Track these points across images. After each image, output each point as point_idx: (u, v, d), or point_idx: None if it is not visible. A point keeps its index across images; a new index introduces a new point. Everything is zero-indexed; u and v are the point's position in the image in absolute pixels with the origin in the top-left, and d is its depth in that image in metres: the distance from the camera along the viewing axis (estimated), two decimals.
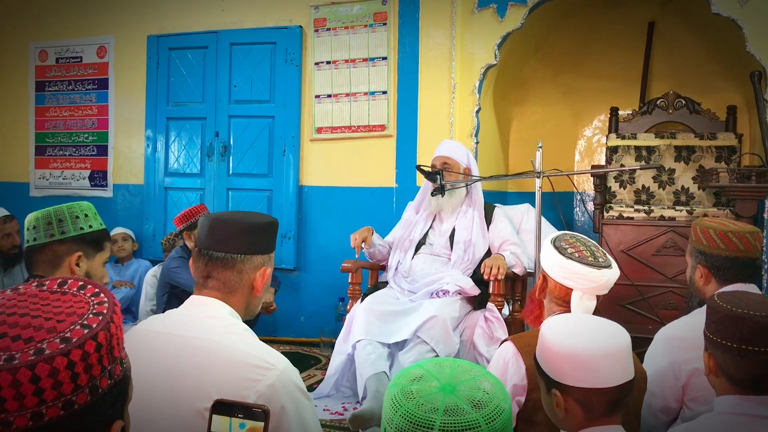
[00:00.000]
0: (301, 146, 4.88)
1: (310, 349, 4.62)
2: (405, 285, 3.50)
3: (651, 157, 4.28)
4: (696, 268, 2.16)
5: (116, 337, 0.91)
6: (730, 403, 1.54)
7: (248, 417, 1.16)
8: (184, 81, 5.16)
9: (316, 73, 4.81)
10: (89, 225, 1.94)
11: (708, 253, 2.11)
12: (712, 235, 2.10)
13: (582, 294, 1.91)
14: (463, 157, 3.69)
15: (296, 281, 4.90)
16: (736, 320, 1.50)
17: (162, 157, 5.26)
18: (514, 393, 1.84)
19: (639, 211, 4.01)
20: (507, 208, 3.99)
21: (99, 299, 0.93)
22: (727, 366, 1.53)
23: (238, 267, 1.60)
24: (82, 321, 0.87)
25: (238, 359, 1.44)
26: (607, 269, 1.92)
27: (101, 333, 0.87)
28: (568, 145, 5.25)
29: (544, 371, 1.49)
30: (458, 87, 4.45)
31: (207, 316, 1.55)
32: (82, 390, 0.85)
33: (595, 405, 1.42)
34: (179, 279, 3.93)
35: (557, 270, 1.94)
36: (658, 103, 4.44)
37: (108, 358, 0.88)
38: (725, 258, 2.08)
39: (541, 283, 2.03)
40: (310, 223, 4.89)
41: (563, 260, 1.92)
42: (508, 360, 1.86)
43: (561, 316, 1.61)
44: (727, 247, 2.08)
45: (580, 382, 1.42)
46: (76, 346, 0.84)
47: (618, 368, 1.43)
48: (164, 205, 5.25)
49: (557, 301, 1.98)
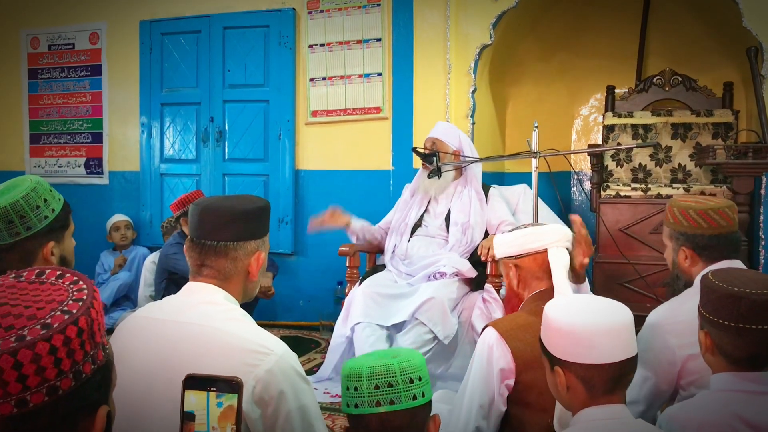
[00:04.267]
0: (296, 130, 4.86)
1: (310, 333, 4.64)
2: (402, 268, 3.51)
3: (648, 135, 4.27)
4: (679, 250, 2.12)
5: (97, 322, 0.91)
6: (727, 381, 1.54)
7: (223, 390, 1.15)
8: (178, 66, 5.13)
9: (310, 55, 4.78)
10: (51, 209, 1.78)
11: (691, 234, 2.08)
12: (693, 215, 2.07)
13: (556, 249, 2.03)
14: (454, 139, 3.67)
15: (294, 266, 4.91)
16: (733, 299, 1.50)
17: (157, 144, 5.25)
18: (503, 377, 1.86)
19: (636, 190, 4.01)
20: (503, 189, 3.99)
21: (78, 286, 0.93)
22: (723, 344, 1.54)
23: (231, 254, 1.60)
24: (63, 307, 0.88)
25: (235, 344, 1.45)
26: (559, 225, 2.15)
27: (82, 318, 0.88)
28: (565, 125, 5.23)
29: (548, 349, 1.51)
30: (453, 68, 4.43)
31: (204, 302, 1.55)
32: (66, 375, 0.85)
33: (597, 382, 1.43)
34: (177, 265, 3.94)
35: (525, 241, 2.05)
36: (655, 81, 4.43)
37: (90, 344, 0.89)
38: (709, 237, 2.05)
39: (516, 272, 2.07)
40: (307, 208, 4.88)
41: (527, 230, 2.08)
42: (492, 344, 1.87)
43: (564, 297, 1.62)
44: (710, 225, 2.05)
45: (580, 358, 1.44)
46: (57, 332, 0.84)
47: (619, 344, 1.43)
48: (160, 191, 5.24)
49: (537, 274, 2.04)
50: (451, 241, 3.53)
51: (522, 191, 3.93)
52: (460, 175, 3.69)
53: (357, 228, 3.66)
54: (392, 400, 1.44)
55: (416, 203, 3.72)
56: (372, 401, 1.45)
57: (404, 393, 1.44)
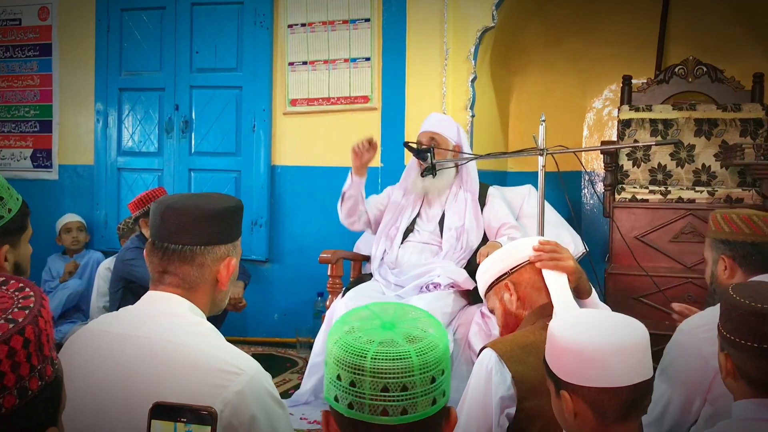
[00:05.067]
0: (273, 121, 4.86)
1: (285, 351, 4.63)
2: (391, 278, 3.51)
3: (668, 131, 4.30)
4: (719, 260, 2.18)
5: (45, 333, 0.90)
6: (750, 409, 1.54)
7: (194, 421, 1.14)
8: (139, 47, 5.11)
9: (290, 37, 4.78)
10: (8, 209, 1.72)
11: (732, 241, 2.14)
12: (735, 219, 2.14)
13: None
14: (453, 133, 3.69)
15: (269, 274, 4.90)
16: (757, 316, 1.49)
17: (114, 134, 5.22)
18: (503, 406, 1.82)
19: (654, 193, 4.03)
20: (506, 190, 4.01)
21: (24, 294, 0.92)
22: (746, 368, 1.54)
23: (198, 260, 1.59)
24: (6, 315, 0.87)
25: (201, 363, 1.44)
26: None
27: (28, 327, 0.87)
28: (575, 119, 5.26)
29: (552, 371, 1.51)
30: (451, 53, 4.44)
31: (166, 314, 1.55)
32: (9, 392, 0.84)
33: (608, 407, 1.43)
34: (135, 272, 3.92)
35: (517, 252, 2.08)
36: (677, 71, 4.46)
37: (37, 357, 0.88)
38: (751, 244, 2.11)
39: (514, 290, 2.06)
40: (284, 208, 4.87)
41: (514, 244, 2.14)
42: (490, 369, 1.84)
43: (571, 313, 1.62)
44: (753, 231, 2.11)
45: (590, 380, 1.43)
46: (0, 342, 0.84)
47: (633, 365, 1.43)
48: (117, 188, 5.21)
49: (536, 284, 2.03)
50: (445, 247, 3.54)
51: (526, 193, 3.94)
52: (457, 173, 3.70)
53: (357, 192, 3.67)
54: (405, 409, 1.17)
55: (409, 205, 3.72)
56: (376, 408, 1.17)
57: (422, 398, 1.18)
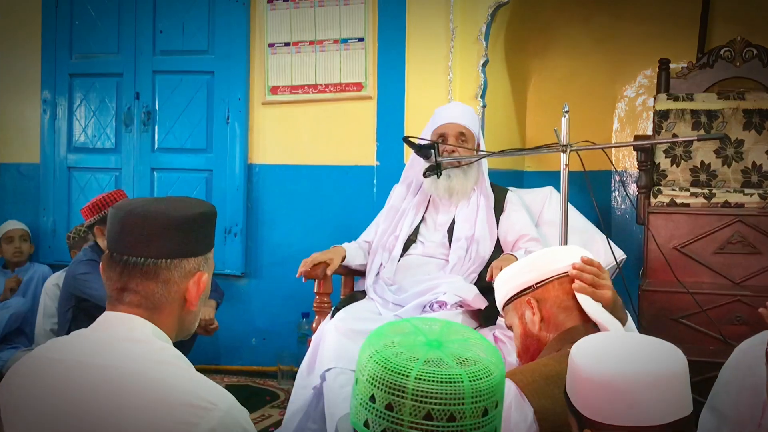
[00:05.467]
0: (250, 112, 4.86)
1: (265, 381, 4.63)
2: (389, 296, 3.50)
3: (712, 124, 4.30)
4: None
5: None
6: None
7: None
8: (94, 25, 5.12)
9: (270, 13, 4.79)
10: None
11: None
12: None
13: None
14: (477, 128, 3.71)
15: (245, 291, 4.89)
16: None
17: (64, 127, 5.23)
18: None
19: (697, 196, 4.04)
20: (523, 193, 4.00)
21: None
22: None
23: (163, 276, 1.59)
24: None
25: (167, 396, 1.45)
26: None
27: None
28: (604, 110, 5.26)
29: (575, 406, 1.51)
30: (459, 32, 4.45)
31: (125, 339, 1.55)
32: None
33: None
34: (89, 290, 3.91)
35: (543, 263, 2.08)
36: (722, 54, 4.46)
37: None
38: None
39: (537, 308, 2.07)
40: (263, 214, 4.87)
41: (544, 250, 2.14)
42: (509, 403, 1.83)
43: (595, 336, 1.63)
44: None
45: (618, 419, 1.43)
46: None
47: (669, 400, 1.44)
48: (68, 190, 5.22)
49: (565, 303, 2.04)
50: (452, 260, 3.53)
51: (547, 196, 3.94)
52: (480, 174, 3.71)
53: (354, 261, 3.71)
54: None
55: (411, 209, 3.72)
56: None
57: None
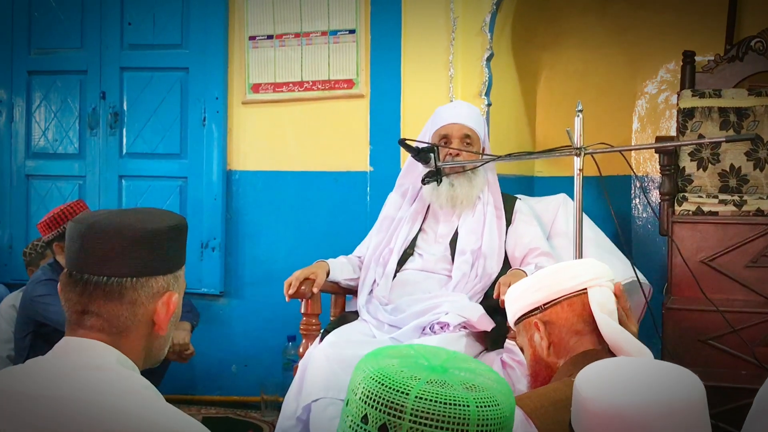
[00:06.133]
0: (228, 112, 4.87)
1: (246, 413, 4.62)
2: (384, 316, 3.50)
3: (743, 123, 4.31)
4: None
5: None
6: None
7: None
8: (55, 18, 5.13)
9: (251, 3, 4.80)
10: None
11: None
12: None
13: (599, 289, 2.06)
14: (483, 130, 3.72)
15: (224, 312, 4.89)
16: None
17: (22, 131, 5.23)
18: None
19: (726, 203, 4.04)
20: (534, 201, 4.01)
21: None
22: None
23: (128, 296, 1.59)
24: None
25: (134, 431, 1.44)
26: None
27: None
28: (623, 108, 5.27)
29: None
30: (460, 23, 4.46)
31: (87, 367, 1.54)
32: None
33: None
34: (48, 313, 3.91)
35: (557, 280, 2.07)
36: (753, 45, 4.48)
37: None
38: None
39: (545, 332, 2.07)
40: (244, 227, 4.87)
41: (557, 265, 2.14)
42: (516, 429, 1.86)
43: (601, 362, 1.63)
44: None
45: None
46: None
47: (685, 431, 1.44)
48: (26, 201, 5.22)
49: (577, 326, 2.05)
50: (456, 276, 3.53)
51: (560, 204, 3.94)
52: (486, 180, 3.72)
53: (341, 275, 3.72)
54: None
55: (407, 219, 3.72)
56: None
57: None
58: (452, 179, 3.57)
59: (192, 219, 4.71)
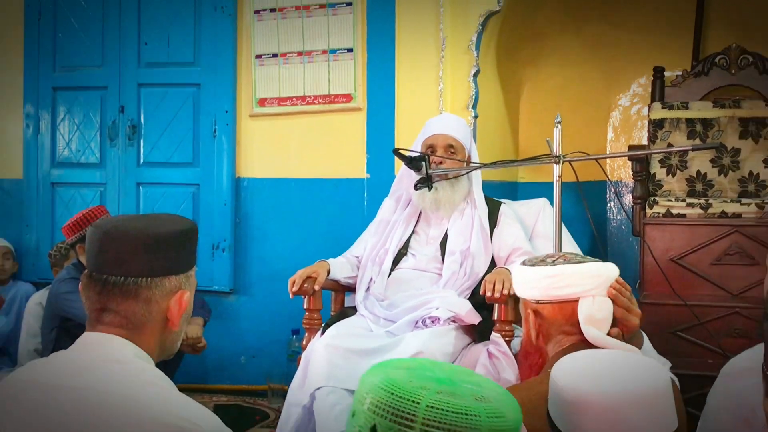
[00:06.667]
0: (237, 125, 4.87)
1: (254, 401, 4.61)
2: (380, 311, 3.50)
3: (708, 133, 4.32)
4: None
5: None
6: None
7: None
8: (77, 38, 5.12)
9: (257, 24, 4.80)
10: None
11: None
12: None
13: (592, 299, 1.97)
14: (468, 140, 3.72)
15: (234, 308, 4.88)
16: None
17: (48, 142, 5.23)
18: None
19: (693, 206, 4.04)
20: (517, 205, 4.01)
21: None
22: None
23: (143, 295, 1.60)
24: None
25: (149, 419, 1.44)
26: (603, 262, 2.02)
27: None
28: (598, 119, 5.28)
29: (558, 428, 1.51)
30: (449, 42, 4.46)
31: (106, 360, 1.55)
32: None
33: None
34: (72, 309, 3.90)
35: (549, 284, 2.00)
36: (717, 61, 4.48)
37: None
38: None
39: (535, 321, 2.04)
40: (251, 229, 4.87)
41: (552, 269, 2.00)
42: None
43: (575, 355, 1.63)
44: None
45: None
46: None
47: (654, 418, 1.45)
48: (51, 206, 5.21)
49: (564, 328, 2.00)
50: (446, 274, 3.53)
51: (540, 208, 3.94)
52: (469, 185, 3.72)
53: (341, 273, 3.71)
54: None
55: (401, 222, 3.73)
56: None
57: None
58: (436, 185, 3.57)
59: (203, 222, 4.72)
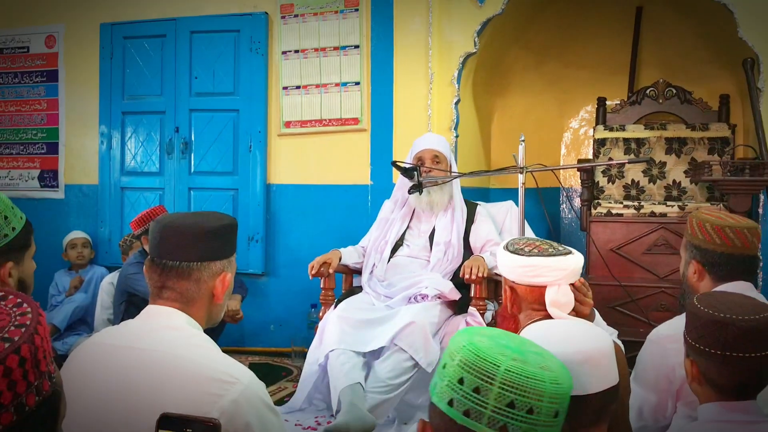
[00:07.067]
0: (268, 142, 4.87)
1: (281, 360, 4.61)
2: (381, 290, 3.51)
3: (641, 149, 4.33)
4: (690, 263, 2.16)
5: (42, 349, 0.88)
6: (715, 411, 1.56)
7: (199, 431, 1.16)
8: (141, 72, 5.12)
9: (284, 62, 4.80)
10: (12, 227, 1.75)
11: (703, 248, 2.10)
12: (708, 229, 2.09)
13: (557, 287, 1.94)
14: (448, 152, 3.74)
15: (265, 287, 4.89)
16: (719, 326, 1.51)
17: (118, 155, 5.22)
18: None
19: (628, 208, 4.06)
20: (489, 206, 4.02)
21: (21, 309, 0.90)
22: (710, 373, 1.56)
23: (195, 276, 1.60)
24: (3, 334, 0.85)
25: (198, 373, 1.44)
26: (571, 255, 1.97)
27: (25, 346, 0.85)
28: (554, 138, 5.29)
29: None
30: (436, 77, 4.47)
31: (164, 327, 1.55)
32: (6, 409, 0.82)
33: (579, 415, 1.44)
34: (137, 286, 3.91)
35: (523, 272, 1.95)
36: (648, 93, 4.50)
37: (34, 373, 0.86)
38: (720, 254, 2.07)
39: (510, 295, 2.01)
40: (279, 225, 4.88)
41: (526, 260, 1.94)
42: None
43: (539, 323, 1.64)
44: (723, 243, 2.07)
45: None
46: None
47: (600, 373, 1.45)
48: (121, 206, 5.21)
49: (533, 305, 1.97)
50: (433, 261, 3.54)
51: (508, 209, 3.95)
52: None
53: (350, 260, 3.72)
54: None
55: (398, 219, 3.74)
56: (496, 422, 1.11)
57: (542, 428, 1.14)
58: (429, 190, 3.58)
59: (241, 219, 4.72)
